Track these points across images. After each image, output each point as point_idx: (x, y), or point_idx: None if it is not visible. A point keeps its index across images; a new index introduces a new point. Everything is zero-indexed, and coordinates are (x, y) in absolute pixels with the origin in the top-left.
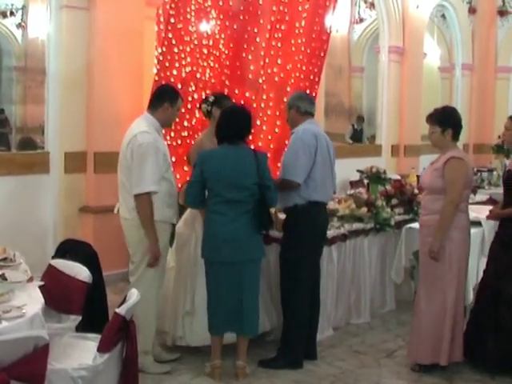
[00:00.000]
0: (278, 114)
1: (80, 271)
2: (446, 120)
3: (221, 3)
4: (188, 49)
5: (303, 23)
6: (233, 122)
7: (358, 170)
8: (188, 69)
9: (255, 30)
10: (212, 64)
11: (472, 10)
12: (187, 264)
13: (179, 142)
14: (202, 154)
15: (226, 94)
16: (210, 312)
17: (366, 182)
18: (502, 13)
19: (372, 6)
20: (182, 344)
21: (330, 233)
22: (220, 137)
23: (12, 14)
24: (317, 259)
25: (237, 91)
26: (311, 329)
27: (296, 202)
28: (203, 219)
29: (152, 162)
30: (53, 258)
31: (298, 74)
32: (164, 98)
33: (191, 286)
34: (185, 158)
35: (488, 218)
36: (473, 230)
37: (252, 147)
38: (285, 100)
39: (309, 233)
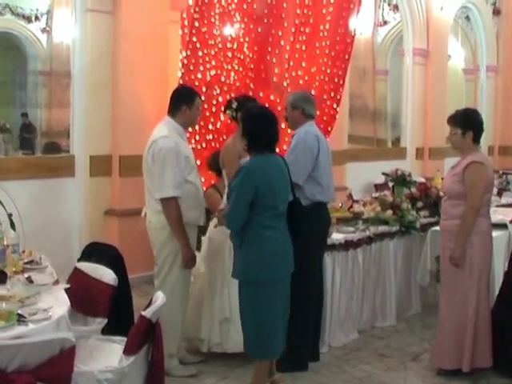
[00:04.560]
0: None
1: (106, 274)
2: (467, 122)
3: (245, 6)
4: (212, 52)
5: (327, 26)
6: (270, 128)
7: (383, 173)
8: (212, 72)
9: (279, 33)
10: (236, 67)
11: (496, 12)
12: (222, 271)
13: (204, 145)
14: (253, 169)
15: (248, 95)
16: (264, 337)
17: (391, 184)
18: None
19: (396, 8)
20: (219, 351)
21: (356, 236)
22: (258, 145)
23: (37, 18)
24: (321, 259)
25: (261, 94)
26: (315, 330)
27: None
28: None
29: (172, 166)
30: (78, 260)
31: (322, 77)
32: (180, 101)
33: (227, 293)
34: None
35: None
36: (499, 233)
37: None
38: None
39: (315, 232)
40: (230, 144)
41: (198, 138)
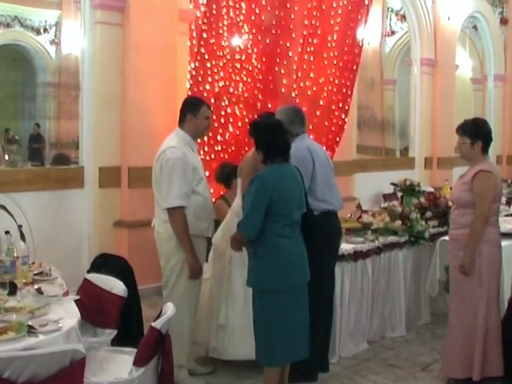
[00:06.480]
0: (310, 127)
1: (115, 285)
2: (476, 132)
3: (253, 18)
4: (221, 63)
5: (335, 37)
6: (282, 136)
7: (391, 183)
8: (221, 83)
9: (287, 44)
10: (245, 78)
11: (504, 21)
12: (221, 277)
13: (213, 156)
14: (267, 177)
15: (267, 112)
16: (275, 345)
17: (399, 194)
18: None
19: (403, 18)
20: (215, 356)
21: (365, 246)
22: (273, 154)
23: (45, 30)
24: (332, 270)
25: (270, 105)
26: (324, 340)
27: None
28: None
29: (179, 176)
30: (88, 272)
31: (330, 88)
32: (186, 110)
33: (225, 300)
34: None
35: None
36: (508, 243)
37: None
38: (318, 114)
39: (324, 242)
40: (249, 156)
41: (206, 149)
